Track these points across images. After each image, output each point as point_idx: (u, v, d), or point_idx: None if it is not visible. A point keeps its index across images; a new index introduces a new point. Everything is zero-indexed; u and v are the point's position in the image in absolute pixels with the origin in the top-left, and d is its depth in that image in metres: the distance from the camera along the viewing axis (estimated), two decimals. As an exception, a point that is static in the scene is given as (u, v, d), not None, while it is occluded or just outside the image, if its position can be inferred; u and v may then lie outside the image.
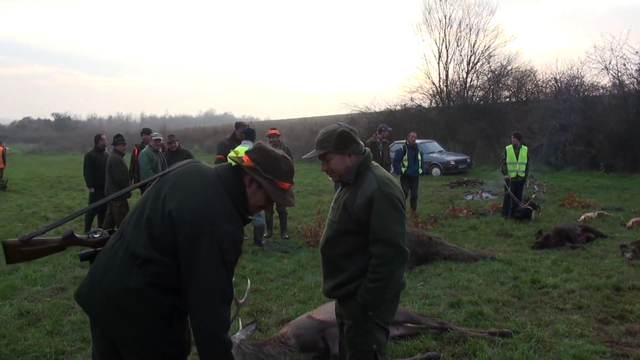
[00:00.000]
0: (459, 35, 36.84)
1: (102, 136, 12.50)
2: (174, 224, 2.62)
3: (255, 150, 2.87)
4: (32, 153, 62.45)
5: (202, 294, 2.59)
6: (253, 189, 2.84)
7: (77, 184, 23.15)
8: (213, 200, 2.70)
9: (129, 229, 2.79)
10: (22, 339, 5.83)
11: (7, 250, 2.79)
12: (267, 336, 5.38)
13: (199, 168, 2.89)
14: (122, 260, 2.70)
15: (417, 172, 13.96)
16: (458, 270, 7.97)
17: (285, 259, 9.02)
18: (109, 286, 2.68)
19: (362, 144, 3.41)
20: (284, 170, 2.87)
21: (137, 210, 2.84)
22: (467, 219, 12.76)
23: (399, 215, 3.26)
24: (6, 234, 11.93)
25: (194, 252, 2.57)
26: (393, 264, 3.22)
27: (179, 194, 2.70)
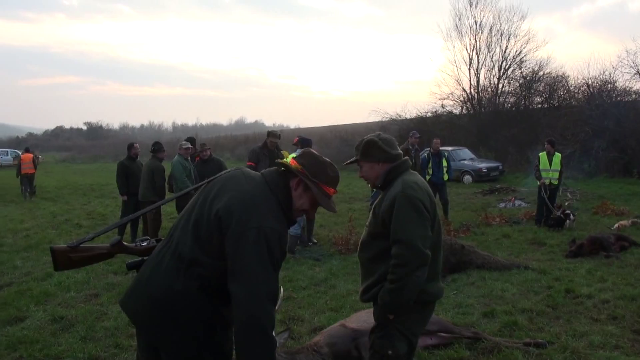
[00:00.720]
0: (489, 40, 36.59)
1: (135, 145, 12.64)
2: (220, 223, 2.64)
3: (304, 155, 2.95)
4: (64, 161, 63.29)
5: (251, 287, 2.56)
6: (299, 192, 2.88)
7: (109, 191, 23.42)
8: (260, 199, 2.73)
9: (176, 233, 2.83)
10: (55, 344, 5.91)
11: (56, 256, 2.82)
12: (300, 344, 5.39)
13: (244, 172, 2.95)
14: (168, 263, 2.73)
15: (442, 179, 13.92)
16: (491, 279, 7.89)
17: (317, 267, 9.02)
18: (155, 289, 2.71)
19: (393, 152, 3.44)
20: (331, 176, 2.93)
21: (184, 215, 2.88)
22: (500, 227, 12.66)
23: (420, 217, 3.25)
24: (40, 241, 12.12)
25: (240, 247, 2.58)
26: (410, 266, 3.19)
27: (227, 195, 2.73)
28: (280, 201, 2.81)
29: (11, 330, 6.35)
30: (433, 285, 3.42)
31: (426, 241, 3.24)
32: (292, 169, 2.86)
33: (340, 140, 39.51)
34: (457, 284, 7.70)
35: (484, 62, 36.91)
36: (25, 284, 8.45)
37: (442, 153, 14.27)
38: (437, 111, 37.76)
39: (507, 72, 36.15)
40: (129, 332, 6.11)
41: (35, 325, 6.53)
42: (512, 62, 35.94)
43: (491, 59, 36.61)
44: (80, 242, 2.88)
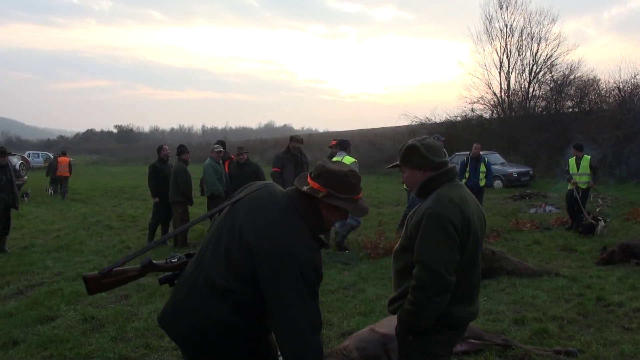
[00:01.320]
0: (520, 44, 36.40)
1: (165, 147, 12.76)
2: (253, 256, 2.62)
3: (322, 175, 2.85)
4: (95, 163, 64.01)
5: (293, 324, 2.57)
6: (330, 212, 2.85)
7: (140, 194, 23.62)
8: (290, 229, 2.69)
9: (207, 257, 2.81)
10: (86, 344, 5.97)
11: (88, 283, 2.86)
12: (329, 348, 5.38)
13: (271, 194, 2.88)
14: (202, 290, 2.72)
15: (478, 185, 13.82)
16: (522, 286, 7.80)
17: (346, 271, 8.98)
18: (192, 315, 2.71)
19: (436, 160, 3.25)
20: (354, 183, 2.88)
21: (212, 238, 2.85)
22: (530, 232, 12.51)
23: (446, 239, 3.04)
24: (71, 242, 12.27)
25: (276, 283, 2.57)
26: (428, 291, 3.02)
27: (255, 223, 2.70)
28: (310, 225, 2.78)
29: (42, 329, 6.43)
30: (460, 309, 3.22)
31: (450, 266, 3.05)
32: (319, 194, 2.80)
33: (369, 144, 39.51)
34: (488, 290, 7.62)
35: (515, 65, 36.76)
36: (56, 283, 8.55)
37: (481, 158, 14.18)
38: (467, 115, 37.62)
39: (538, 76, 35.95)
40: (159, 333, 6.14)
41: (65, 324, 6.60)
42: (542, 66, 35.78)
43: (522, 63, 36.44)
44: (112, 268, 2.89)
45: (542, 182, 25.60)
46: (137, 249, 11.37)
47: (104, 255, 10.73)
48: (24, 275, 9.16)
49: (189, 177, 11.60)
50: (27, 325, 6.62)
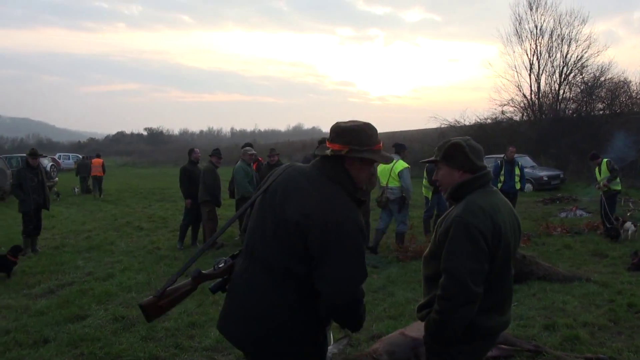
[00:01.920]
0: (550, 45, 35.97)
1: (195, 149, 12.86)
2: (303, 233, 2.67)
3: (340, 135, 2.89)
4: (125, 165, 64.64)
5: (348, 277, 2.67)
6: (357, 168, 2.88)
7: (169, 195, 23.78)
8: (329, 197, 2.74)
9: (257, 247, 2.85)
10: (116, 343, 6.03)
11: (146, 310, 2.87)
12: (358, 351, 5.37)
13: (299, 171, 2.93)
14: (260, 280, 2.78)
15: (514, 188, 13.71)
16: (553, 291, 7.70)
17: (375, 274, 8.94)
18: (254, 309, 2.76)
19: (477, 163, 3.20)
20: (371, 134, 2.91)
21: (257, 229, 2.89)
22: (561, 237, 12.36)
23: (474, 250, 2.98)
24: (101, 242, 12.45)
25: (328, 245, 2.63)
26: (454, 301, 2.97)
27: (297, 203, 2.74)
28: (344, 186, 2.82)
29: (72, 328, 6.51)
30: (490, 319, 3.15)
31: (477, 277, 2.98)
32: (342, 152, 2.83)
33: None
34: (518, 295, 7.55)
35: (545, 67, 36.35)
36: (87, 283, 8.65)
37: (515, 161, 14.08)
38: (497, 118, 37.31)
39: (568, 78, 35.49)
40: (189, 334, 6.20)
41: (96, 323, 6.67)
42: (573, 68, 35.27)
43: (552, 64, 36.02)
44: (166, 288, 2.93)
45: (572, 186, 25.32)
46: (167, 250, 11.48)
47: (134, 256, 10.83)
48: (55, 275, 9.28)
49: (217, 178, 11.68)
50: (58, 323, 6.71)
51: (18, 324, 6.73)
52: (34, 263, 10.27)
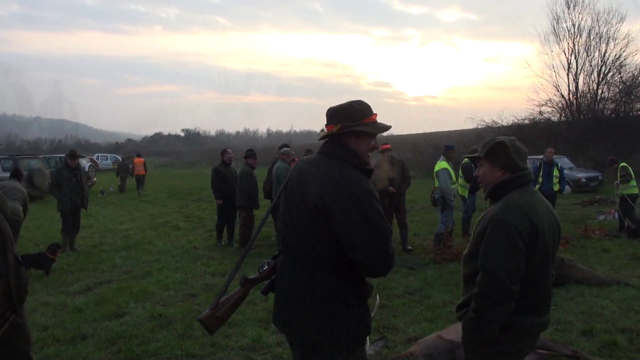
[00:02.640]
0: (588, 44, 35.48)
1: (228, 150, 12.95)
2: (322, 214, 2.80)
3: (331, 116, 3.08)
4: (162, 166, 65.26)
5: (369, 240, 2.76)
6: (356, 141, 3.01)
7: (206, 195, 23.91)
8: (335, 174, 2.86)
9: (289, 240, 2.98)
10: (153, 341, 6.10)
11: (205, 323, 3.02)
12: (395, 354, 5.36)
13: (308, 162, 3.09)
14: (296, 270, 2.91)
15: (552, 190, 13.57)
16: (591, 296, 7.59)
17: (411, 276, 8.92)
18: (295, 298, 2.90)
19: (519, 164, 3.23)
20: (359, 109, 3.04)
21: (287, 225, 3.02)
22: (599, 240, 12.17)
23: (511, 247, 3.00)
24: (139, 241, 12.62)
25: (347, 220, 2.74)
26: (490, 299, 3.00)
27: (309, 188, 2.87)
28: (349, 161, 2.94)
29: (110, 325, 6.60)
30: (526, 319, 3.14)
31: (514, 275, 3.00)
32: (336, 131, 2.99)
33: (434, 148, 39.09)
34: (556, 299, 7.45)
35: (583, 66, 35.85)
36: (124, 281, 8.75)
37: (554, 162, 13.95)
38: (534, 118, 36.94)
39: (607, 77, 34.98)
40: (226, 333, 6.24)
41: (133, 321, 6.76)
42: (611, 67, 34.76)
43: (590, 64, 35.52)
44: (219, 300, 3.07)
45: (611, 188, 24.76)
46: (204, 249, 11.58)
47: (171, 255, 10.94)
48: (93, 273, 9.41)
49: (254, 180, 11.72)
50: (96, 321, 6.80)
51: (56, 320, 6.85)
52: (72, 261, 10.43)
